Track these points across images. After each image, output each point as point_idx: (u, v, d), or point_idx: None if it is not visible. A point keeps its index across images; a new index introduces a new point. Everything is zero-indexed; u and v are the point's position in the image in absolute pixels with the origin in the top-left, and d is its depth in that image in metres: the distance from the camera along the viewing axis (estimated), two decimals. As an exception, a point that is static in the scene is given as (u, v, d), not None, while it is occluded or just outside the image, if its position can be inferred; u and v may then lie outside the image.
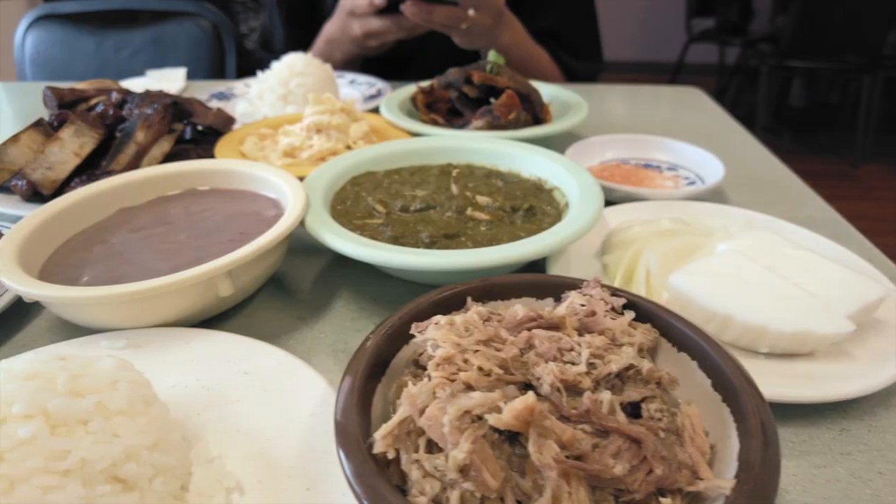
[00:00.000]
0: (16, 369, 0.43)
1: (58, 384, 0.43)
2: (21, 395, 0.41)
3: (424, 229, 0.70)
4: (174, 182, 0.81)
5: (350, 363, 0.49)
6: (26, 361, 0.44)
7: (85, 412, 0.42)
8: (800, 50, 4.19)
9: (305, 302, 0.72)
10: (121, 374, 0.46)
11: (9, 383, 0.41)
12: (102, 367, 0.46)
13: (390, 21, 1.28)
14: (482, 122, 0.98)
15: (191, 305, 0.61)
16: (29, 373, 0.43)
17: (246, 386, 0.54)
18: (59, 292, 0.56)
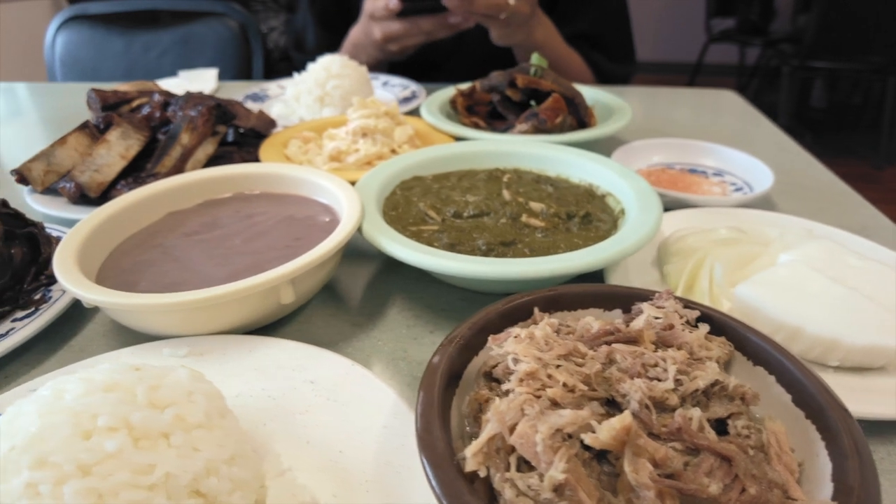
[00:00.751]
0: (96, 380, 0.42)
1: (137, 396, 0.42)
2: (104, 406, 0.40)
3: (480, 236, 0.69)
4: (223, 186, 0.80)
5: (426, 375, 0.47)
6: (104, 372, 0.44)
7: (166, 425, 0.41)
8: (823, 50, 4.14)
9: (359, 308, 0.71)
10: (195, 385, 0.45)
11: (91, 395, 0.41)
12: (177, 378, 0.45)
13: (409, 24, 1.27)
14: (527, 125, 0.96)
15: (251, 313, 0.60)
16: (108, 384, 0.42)
17: (313, 396, 0.54)
18: (122, 299, 0.55)
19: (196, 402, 0.44)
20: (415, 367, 0.62)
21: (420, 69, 1.56)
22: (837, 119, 4.88)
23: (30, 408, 0.40)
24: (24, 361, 0.64)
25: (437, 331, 0.67)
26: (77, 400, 0.40)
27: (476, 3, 1.14)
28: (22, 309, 0.68)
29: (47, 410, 0.40)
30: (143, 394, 0.42)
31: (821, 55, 4.15)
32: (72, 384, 0.42)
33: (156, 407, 0.42)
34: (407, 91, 1.37)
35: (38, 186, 0.90)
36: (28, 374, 0.63)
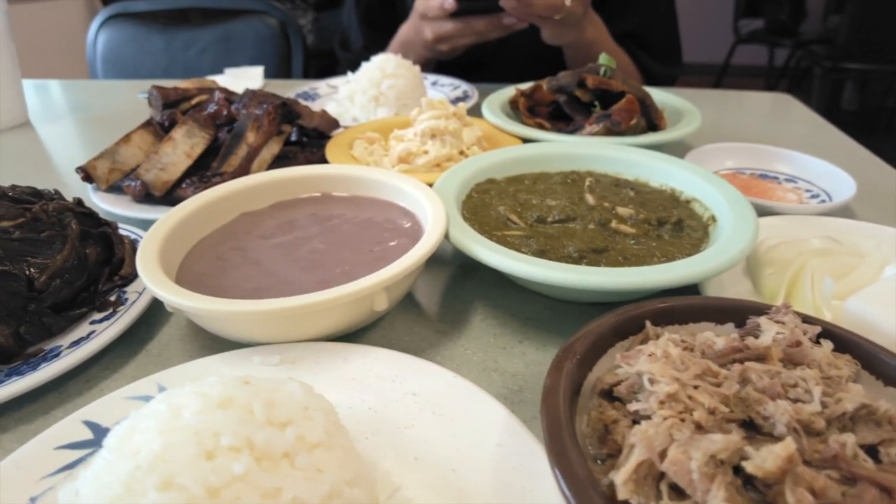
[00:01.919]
0: (210, 395, 0.40)
1: (255, 413, 0.40)
2: (226, 425, 0.38)
3: (570, 243, 0.66)
4: (296, 187, 0.78)
5: (547, 393, 0.45)
6: (215, 386, 0.41)
7: (289, 445, 0.39)
8: (856, 52, 4.06)
9: (441, 314, 0.69)
10: (310, 400, 0.43)
11: (209, 411, 0.39)
12: (291, 392, 0.43)
13: (462, 24, 1.24)
14: (599, 127, 0.94)
15: (342, 320, 0.58)
16: (223, 399, 0.40)
17: (416, 409, 0.51)
18: (217, 306, 0.53)
19: (314, 418, 0.41)
20: (508, 378, 0.60)
21: (465, 68, 1.54)
22: (869, 121, 4.78)
23: (147, 424, 0.38)
24: (104, 366, 0.63)
25: (525, 340, 0.64)
26: (196, 417, 0.38)
27: (534, 5, 1.11)
28: (98, 311, 0.66)
29: (167, 428, 0.37)
30: (261, 410, 0.40)
31: (854, 56, 4.07)
32: (186, 398, 0.40)
33: (274, 424, 0.40)
34: (458, 91, 1.35)
35: (103, 184, 0.89)
36: (109, 379, 0.61)
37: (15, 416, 0.57)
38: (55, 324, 0.64)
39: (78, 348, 0.59)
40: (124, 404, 0.51)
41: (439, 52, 1.36)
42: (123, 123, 1.38)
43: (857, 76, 4.61)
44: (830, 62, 4.11)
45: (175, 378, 0.54)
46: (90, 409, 0.50)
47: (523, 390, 0.58)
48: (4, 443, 0.54)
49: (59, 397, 0.59)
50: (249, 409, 0.40)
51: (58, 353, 0.60)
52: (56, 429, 0.49)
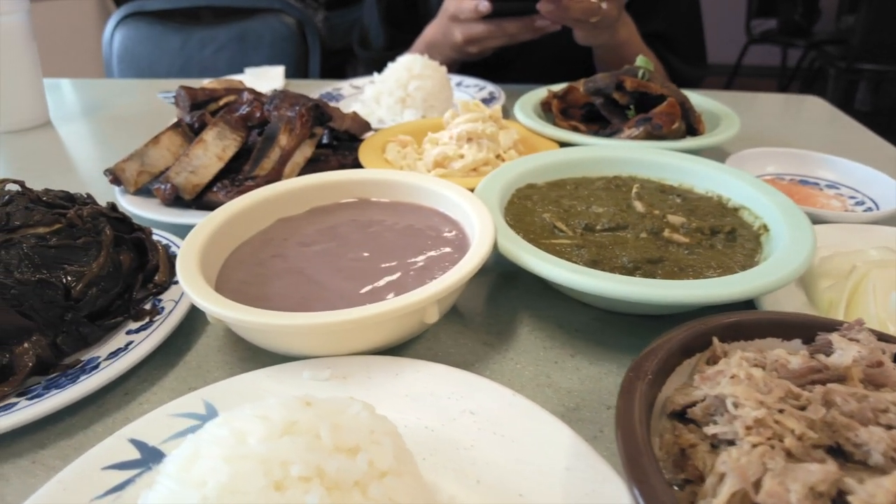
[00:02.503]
0: (273, 418, 0.38)
1: (323, 438, 0.37)
2: (294, 453, 0.36)
3: (622, 253, 0.64)
4: (333, 192, 0.76)
5: (622, 416, 0.42)
6: (276, 408, 0.39)
7: (362, 474, 0.36)
8: (870, 52, 4.01)
9: (486, 326, 0.67)
10: (375, 423, 0.41)
11: (276, 438, 0.36)
12: (356, 415, 0.41)
13: (494, 26, 1.23)
14: (639, 130, 0.91)
15: (392, 334, 0.56)
16: (287, 422, 0.38)
17: (476, 428, 0.49)
18: (267, 319, 0.51)
19: (382, 443, 0.39)
20: (563, 395, 0.57)
21: (487, 68, 1.52)
22: (883, 122, 4.73)
23: (211, 450, 0.36)
24: (142, 377, 0.61)
25: (577, 355, 0.62)
26: (262, 444, 0.36)
27: (570, 9, 1.09)
28: (134, 320, 0.64)
29: (233, 456, 0.35)
30: (328, 436, 0.38)
31: (868, 57, 4.03)
32: (250, 423, 0.38)
33: (342, 451, 0.38)
34: (484, 92, 1.32)
35: (131, 187, 0.87)
36: (148, 392, 0.59)
37: (54, 430, 0.55)
38: (91, 333, 0.62)
39: (116, 360, 0.57)
40: (170, 421, 0.49)
41: (468, 54, 1.34)
42: (144, 123, 1.37)
43: (871, 77, 4.57)
44: (845, 63, 4.07)
45: (221, 393, 0.52)
46: (136, 427, 0.48)
47: (580, 408, 0.56)
48: (46, 459, 0.52)
49: (98, 411, 0.57)
50: (316, 433, 0.38)
51: (96, 364, 0.58)
52: (102, 448, 0.47)
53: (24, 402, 0.54)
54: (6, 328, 0.57)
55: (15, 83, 1.27)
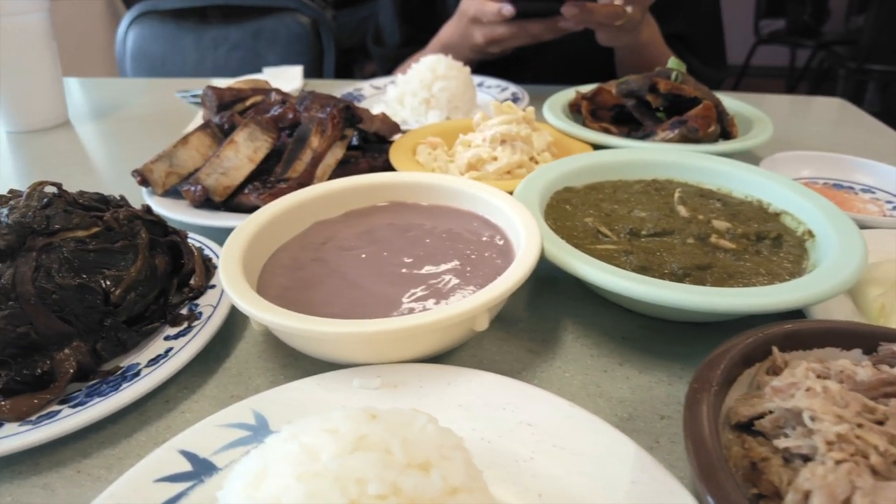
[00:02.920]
0: (343, 433, 0.37)
1: (395, 454, 0.36)
2: (369, 470, 0.34)
3: (671, 259, 0.63)
4: (369, 195, 0.75)
5: (692, 429, 0.41)
6: (346, 421, 0.38)
7: (438, 492, 0.35)
8: (879, 53, 3.99)
9: (529, 333, 0.65)
10: (443, 437, 0.39)
11: (348, 455, 0.35)
12: (423, 428, 0.39)
13: (517, 28, 1.21)
14: (674, 133, 0.90)
15: (442, 341, 0.55)
16: (357, 437, 0.37)
17: (534, 440, 0.48)
18: (321, 327, 0.49)
19: (453, 458, 0.38)
20: (615, 405, 0.56)
21: (503, 67, 1.50)
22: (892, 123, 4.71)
23: (281, 467, 0.35)
24: (182, 385, 0.59)
25: (626, 363, 0.61)
26: (335, 461, 0.35)
27: (595, 12, 1.08)
28: (171, 325, 0.63)
29: (306, 473, 0.34)
30: (400, 451, 0.36)
31: (877, 58, 4.01)
32: (318, 438, 0.36)
33: (414, 466, 0.36)
34: (506, 93, 1.31)
35: (159, 189, 0.86)
36: (189, 400, 0.58)
37: (97, 438, 0.54)
38: (130, 339, 0.61)
39: (157, 367, 0.56)
40: (220, 432, 0.48)
41: (487, 55, 1.33)
42: (163, 123, 1.36)
43: (880, 77, 4.54)
44: (855, 63, 4.05)
45: (270, 403, 0.50)
46: (185, 438, 0.47)
47: (634, 418, 0.55)
48: (91, 468, 0.51)
49: (139, 419, 0.56)
50: (386, 448, 0.36)
51: (137, 371, 0.56)
52: (152, 459, 0.45)
53: (66, 409, 0.53)
54: (47, 334, 0.56)
55: (35, 82, 1.26)
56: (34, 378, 0.55)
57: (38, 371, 0.55)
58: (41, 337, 0.56)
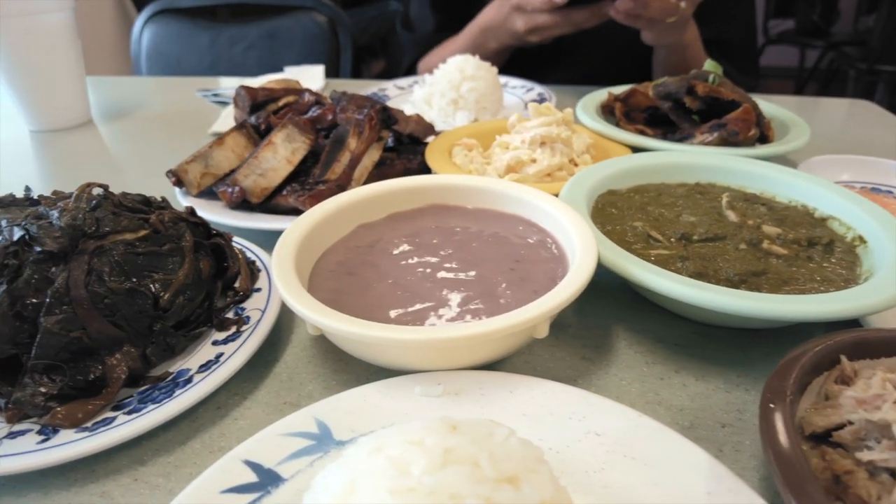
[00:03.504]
0: (431, 446, 0.36)
1: (484, 468, 0.35)
2: (463, 485, 0.33)
3: (726, 265, 0.62)
4: (411, 197, 0.74)
5: (771, 439, 0.41)
6: (430, 433, 0.37)
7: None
8: (890, 53, 3.98)
9: (580, 339, 0.64)
10: (525, 449, 0.39)
11: (438, 469, 0.34)
12: (504, 440, 0.38)
13: (560, 16, 1.19)
14: (713, 137, 0.89)
15: (501, 348, 0.54)
16: (443, 449, 0.36)
17: (604, 451, 0.47)
18: (388, 333, 0.48)
19: (539, 471, 0.37)
20: (675, 414, 0.55)
21: (535, 64, 1.48)
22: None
23: (372, 482, 0.34)
24: (232, 391, 0.59)
25: (682, 370, 0.60)
26: (428, 475, 0.34)
27: (650, 7, 1.07)
28: (218, 329, 0.62)
29: (399, 488, 0.33)
30: (488, 464, 0.35)
31: (887, 58, 3.99)
32: (406, 451, 0.35)
33: (503, 480, 0.35)
34: (532, 93, 1.30)
35: (194, 189, 0.85)
36: (242, 406, 0.57)
37: (151, 445, 0.53)
38: (178, 344, 0.60)
39: (210, 373, 0.55)
40: (283, 441, 0.47)
41: (524, 42, 1.30)
42: (185, 122, 1.35)
43: (889, 78, 4.53)
44: (866, 64, 4.03)
45: (331, 410, 0.50)
46: (249, 448, 0.46)
47: (695, 426, 0.54)
48: (147, 476, 0.50)
49: (192, 426, 0.55)
50: (475, 462, 0.36)
51: (189, 377, 0.56)
52: (217, 470, 0.45)
53: (121, 416, 0.52)
54: (98, 339, 0.55)
55: (60, 81, 1.25)
56: (86, 383, 0.54)
57: (91, 376, 0.54)
58: (93, 342, 0.55)
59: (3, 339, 0.53)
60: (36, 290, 0.54)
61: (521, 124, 0.89)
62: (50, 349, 0.53)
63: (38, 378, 0.53)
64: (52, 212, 0.58)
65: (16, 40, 1.17)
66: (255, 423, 0.55)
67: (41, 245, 0.55)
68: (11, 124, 1.32)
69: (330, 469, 0.38)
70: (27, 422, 0.53)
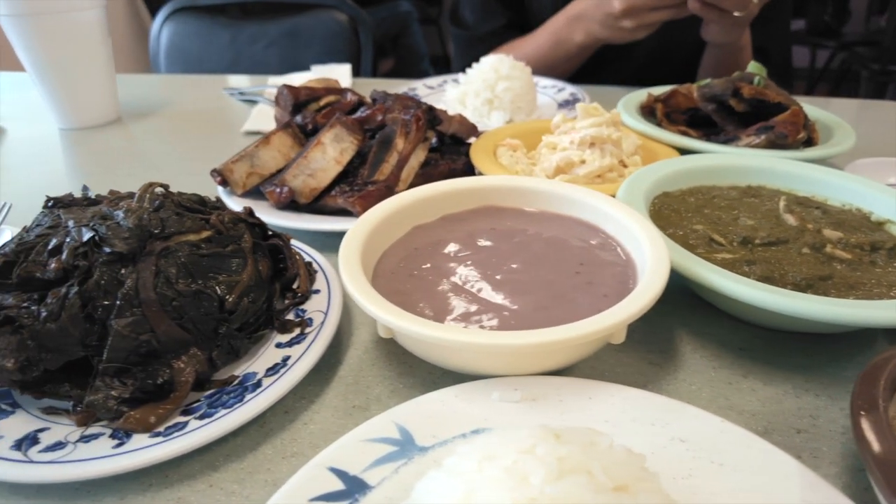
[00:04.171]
0: (543, 455, 0.35)
1: (597, 476, 0.35)
2: (584, 494, 0.33)
3: (791, 269, 0.61)
4: (463, 199, 0.73)
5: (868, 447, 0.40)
6: (538, 441, 0.37)
7: (647, 517, 0.34)
8: (902, 53, 3.97)
9: (644, 343, 0.64)
10: (629, 457, 0.38)
11: (558, 479, 0.34)
12: (608, 448, 0.38)
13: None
14: (760, 139, 0.88)
15: (576, 354, 0.54)
16: (557, 458, 0.35)
17: (690, 457, 0.46)
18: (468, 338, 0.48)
19: (648, 479, 0.37)
20: (748, 419, 0.55)
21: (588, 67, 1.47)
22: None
23: (492, 494, 0.33)
24: (299, 394, 0.58)
25: (749, 375, 0.59)
26: (549, 485, 0.33)
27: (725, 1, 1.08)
28: (280, 332, 0.62)
29: (522, 499, 0.33)
30: (601, 473, 0.35)
31: (900, 59, 3.98)
32: (522, 461, 0.35)
33: (619, 490, 0.35)
34: (564, 93, 1.29)
35: (239, 189, 0.85)
36: (309, 411, 0.56)
37: (222, 451, 0.52)
38: (242, 347, 0.59)
39: (278, 376, 0.55)
40: (366, 447, 0.47)
41: (617, 31, 1.25)
42: (213, 120, 1.35)
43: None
44: (878, 65, 4.03)
45: (411, 415, 0.49)
46: (332, 455, 0.46)
47: (770, 432, 0.53)
48: (222, 483, 0.49)
49: (261, 431, 0.54)
50: (588, 471, 0.35)
51: (257, 381, 0.55)
52: (303, 478, 0.44)
53: (193, 420, 0.51)
54: (166, 342, 0.54)
55: (91, 79, 1.25)
56: (155, 387, 0.54)
57: (159, 380, 0.54)
58: (160, 345, 0.54)
59: (74, 341, 0.52)
60: (105, 292, 0.53)
61: (565, 124, 0.89)
62: (121, 352, 0.52)
63: (109, 381, 0.52)
64: (117, 212, 0.58)
65: (48, 38, 1.16)
66: (326, 428, 0.54)
67: (111, 246, 0.54)
68: (41, 123, 1.32)
69: (433, 478, 0.38)
70: (97, 425, 0.52)
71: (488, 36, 1.53)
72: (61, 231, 0.57)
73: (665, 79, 1.27)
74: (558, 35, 1.35)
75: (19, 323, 0.52)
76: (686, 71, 1.46)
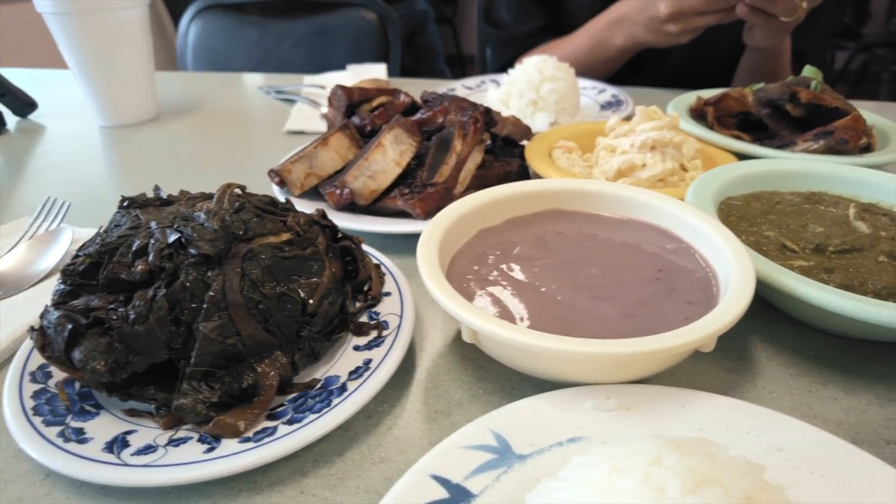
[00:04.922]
0: (673, 465, 0.35)
1: (728, 487, 0.34)
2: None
3: (870, 277, 0.61)
4: (528, 202, 0.73)
5: None
6: (665, 452, 0.36)
7: (785, 530, 0.34)
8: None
9: (721, 350, 0.62)
10: (748, 467, 0.38)
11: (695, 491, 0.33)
12: (729, 459, 0.38)
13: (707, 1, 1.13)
14: (818, 144, 0.88)
15: (666, 362, 0.53)
16: (687, 469, 0.35)
17: (789, 467, 0.46)
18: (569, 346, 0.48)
19: (771, 490, 0.36)
20: (835, 428, 0.54)
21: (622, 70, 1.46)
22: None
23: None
24: (379, 399, 0.58)
25: (829, 384, 0.59)
26: (687, 497, 0.33)
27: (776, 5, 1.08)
28: (356, 335, 0.62)
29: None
30: (731, 484, 0.35)
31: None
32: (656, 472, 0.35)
33: (749, 500, 0.35)
34: (605, 95, 1.29)
35: (297, 190, 0.85)
36: (391, 415, 0.56)
37: (308, 456, 0.52)
38: (322, 350, 0.59)
39: (363, 380, 0.55)
40: (465, 455, 0.46)
41: (661, 35, 1.23)
42: (251, 118, 1.35)
43: (916, 80, 4.50)
44: (899, 66, 4.01)
45: (505, 422, 0.49)
46: (433, 462, 0.46)
47: (858, 443, 0.53)
48: (313, 489, 0.49)
49: (345, 436, 0.54)
50: (719, 481, 0.35)
51: (342, 385, 0.55)
52: (406, 485, 0.44)
53: (282, 426, 0.51)
54: (251, 345, 0.54)
55: (133, 77, 1.25)
56: (240, 391, 0.53)
57: (245, 384, 0.54)
58: (245, 348, 0.54)
59: (160, 343, 0.52)
60: (192, 295, 0.53)
61: (621, 126, 0.88)
62: (208, 356, 0.52)
63: (197, 385, 0.52)
64: (198, 214, 0.58)
65: (91, 36, 1.16)
66: (410, 433, 0.54)
67: (197, 248, 0.54)
68: (81, 120, 1.32)
69: (551, 487, 0.37)
70: (183, 429, 0.52)
71: (525, 37, 1.52)
72: (143, 232, 0.57)
73: (699, 81, 1.26)
74: (598, 37, 1.34)
75: (108, 325, 0.52)
76: (720, 74, 1.45)
